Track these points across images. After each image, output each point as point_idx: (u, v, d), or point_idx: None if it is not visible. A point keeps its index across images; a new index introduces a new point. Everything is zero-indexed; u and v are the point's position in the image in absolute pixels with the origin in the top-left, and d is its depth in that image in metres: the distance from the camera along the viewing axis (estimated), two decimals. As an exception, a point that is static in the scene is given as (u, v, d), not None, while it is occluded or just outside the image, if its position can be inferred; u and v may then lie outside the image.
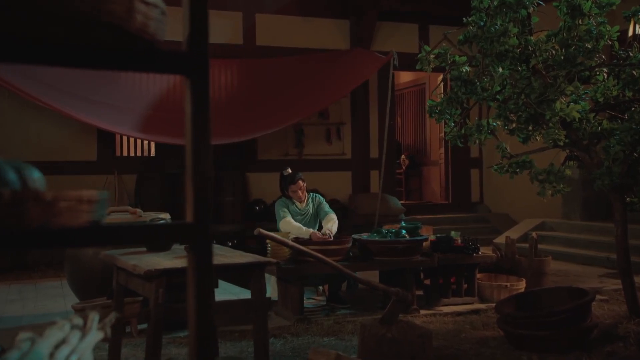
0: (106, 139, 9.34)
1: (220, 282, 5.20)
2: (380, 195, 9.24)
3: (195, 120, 1.17)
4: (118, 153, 9.72)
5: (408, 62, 8.58)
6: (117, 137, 9.49)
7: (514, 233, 9.41)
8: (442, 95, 5.21)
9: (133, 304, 4.33)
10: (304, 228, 5.74)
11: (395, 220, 9.61)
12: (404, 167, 13.12)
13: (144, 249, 3.80)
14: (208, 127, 1.18)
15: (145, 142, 9.90)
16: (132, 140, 9.70)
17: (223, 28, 9.97)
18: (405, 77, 13.26)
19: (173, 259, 3.43)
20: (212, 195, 1.20)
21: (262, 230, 3.92)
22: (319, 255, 4.15)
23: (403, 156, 13.24)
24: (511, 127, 4.93)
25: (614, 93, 4.81)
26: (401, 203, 11.06)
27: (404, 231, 5.56)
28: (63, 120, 8.61)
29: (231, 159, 10.02)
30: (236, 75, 9.75)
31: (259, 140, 10.06)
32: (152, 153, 10.14)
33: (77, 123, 8.48)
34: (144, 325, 4.51)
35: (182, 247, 3.77)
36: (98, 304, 4.44)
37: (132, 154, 9.89)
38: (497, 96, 4.86)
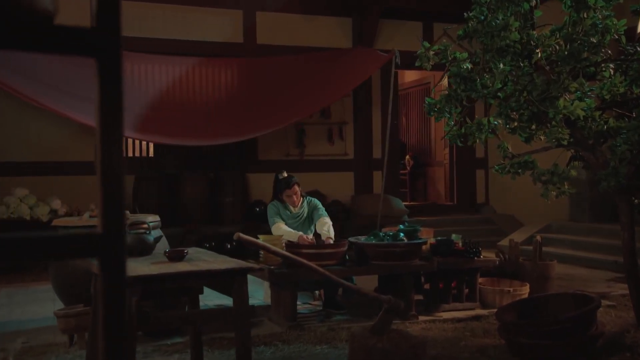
0: (104, 139, 9.17)
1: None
2: (382, 196, 9.04)
3: (104, 110, 0.98)
4: (116, 153, 9.54)
5: (412, 60, 8.35)
6: (115, 137, 9.33)
7: (519, 235, 9.19)
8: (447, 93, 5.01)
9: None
10: (293, 232, 5.55)
11: (399, 222, 9.40)
12: (408, 168, 12.90)
13: (124, 253, 3.63)
14: (120, 119, 0.99)
15: (144, 143, 9.74)
16: (130, 140, 9.54)
17: (223, 26, 9.82)
18: (409, 76, 13.04)
19: (150, 265, 3.24)
20: (124, 200, 1.01)
21: (241, 235, 3.73)
22: (302, 260, 3.96)
23: (407, 156, 13.02)
24: (513, 126, 4.72)
25: (621, 90, 4.58)
26: (405, 204, 10.85)
27: (402, 234, 5.35)
28: (63, 120, 8.45)
29: (231, 159, 9.86)
30: (236, 75, 9.60)
31: (259, 140, 9.89)
32: (151, 153, 9.98)
33: (76, 123, 8.33)
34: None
35: (163, 251, 3.59)
36: (81, 311, 4.27)
37: (130, 154, 9.73)
38: (499, 93, 4.65)
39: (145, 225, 3.72)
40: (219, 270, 3.14)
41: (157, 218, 5.10)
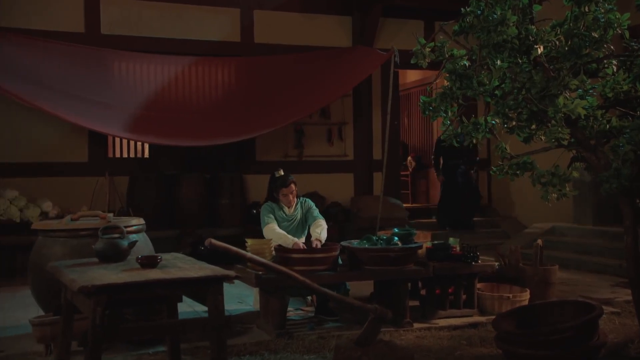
0: (98, 140, 9.01)
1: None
2: (382, 198, 8.83)
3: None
4: (110, 154, 9.39)
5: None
6: (110, 138, 9.17)
7: (521, 238, 8.98)
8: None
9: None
10: (289, 237, 5.33)
11: (399, 224, 9.19)
12: (410, 169, 12.68)
13: (96, 259, 3.45)
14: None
15: (139, 143, 9.57)
16: (125, 140, 9.38)
17: (220, 25, 9.66)
18: (412, 76, 12.84)
19: (120, 273, 3.05)
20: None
21: (213, 240, 3.53)
22: (281, 267, 3.77)
23: (410, 158, 12.81)
24: (511, 126, 4.51)
25: (625, 88, 4.36)
26: (407, 206, 10.65)
27: (396, 238, 5.14)
28: (54, 120, 8.28)
29: (229, 160, 9.68)
30: (234, 74, 9.44)
31: (257, 140, 9.72)
32: (146, 154, 9.81)
33: (68, 123, 8.16)
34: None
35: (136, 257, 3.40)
36: (56, 319, 4.08)
37: (125, 155, 9.57)
38: (496, 91, 4.44)
39: (120, 230, 3.53)
40: (192, 278, 2.95)
41: (141, 221, 4.90)
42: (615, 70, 4.42)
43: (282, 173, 5.63)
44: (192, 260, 3.52)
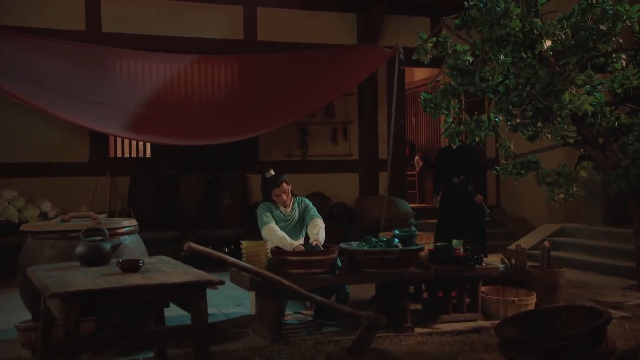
0: (98, 139, 8.89)
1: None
2: (386, 198, 8.67)
3: None
4: (111, 154, 9.28)
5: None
6: (111, 137, 9.05)
7: (530, 239, 8.77)
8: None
9: (85, 324, 3.82)
10: (289, 239, 5.17)
11: (405, 225, 9.02)
12: (417, 169, 12.49)
13: (77, 263, 3.30)
14: None
15: (140, 143, 9.45)
16: (126, 140, 9.25)
17: (223, 23, 9.51)
18: (419, 74, 12.65)
19: (98, 278, 2.90)
20: None
21: (192, 244, 3.38)
22: (267, 273, 3.61)
23: (417, 157, 12.61)
24: (514, 123, 4.33)
25: (634, 83, 4.19)
26: (414, 206, 10.46)
27: (396, 240, 4.97)
28: (54, 120, 8.16)
29: (229, 159, 9.53)
30: (237, 72, 9.28)
31: (260, 140, 9.56)
32: (148, 154, 9.68)
33: (68, 123, 8.04)
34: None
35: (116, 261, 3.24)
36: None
37: (126, 154, 9.45)
38: (499, 87, 4.27)
39: (103, 232, 3.38)
40: (173, 284, 2.80)
41: (133, 222, 4.75)
42: (624, 64, 4.25)
43: (273, 173, 5.50)
44: (177, 264, 3.36)
